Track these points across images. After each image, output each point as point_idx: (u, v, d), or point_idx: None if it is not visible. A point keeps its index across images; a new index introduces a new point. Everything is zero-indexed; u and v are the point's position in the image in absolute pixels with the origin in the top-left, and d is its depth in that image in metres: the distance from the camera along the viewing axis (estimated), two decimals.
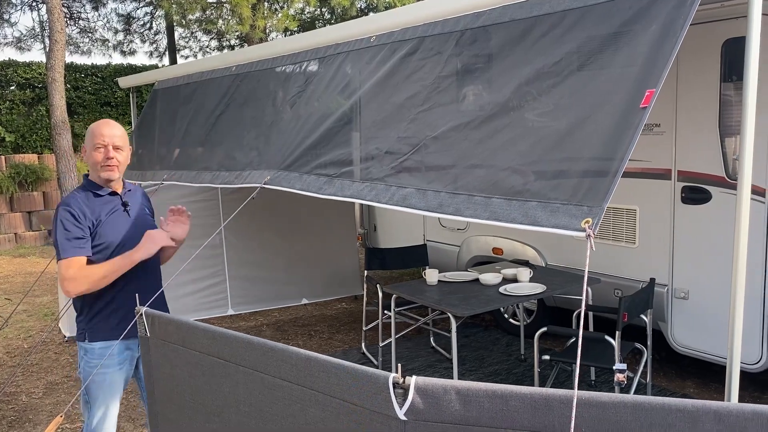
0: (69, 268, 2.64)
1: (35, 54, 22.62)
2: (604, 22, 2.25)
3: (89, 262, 2.70)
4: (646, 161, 4.42)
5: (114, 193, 2.84)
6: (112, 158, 2.75)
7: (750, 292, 3.85)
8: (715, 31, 3.97)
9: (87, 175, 2.87)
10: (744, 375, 4.25)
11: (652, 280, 4.14)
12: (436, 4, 3.07)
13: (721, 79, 3.98)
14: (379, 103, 3.09)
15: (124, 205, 2.85)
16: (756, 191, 3.82)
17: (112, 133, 2.76)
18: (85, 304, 2.80)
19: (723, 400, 2.41)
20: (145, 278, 2.86)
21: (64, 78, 10.81)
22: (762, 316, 3.88)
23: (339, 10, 15.11)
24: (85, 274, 2.66)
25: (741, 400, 4.01)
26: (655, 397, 1.55)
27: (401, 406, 1.75)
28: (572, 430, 1.53)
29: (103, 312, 2.79)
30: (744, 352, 3.84)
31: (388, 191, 2.63)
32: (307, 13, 16.64)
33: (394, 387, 1.76)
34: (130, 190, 2.94)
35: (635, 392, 4.05)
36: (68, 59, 13.74)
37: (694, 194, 4.18)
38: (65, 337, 5.87)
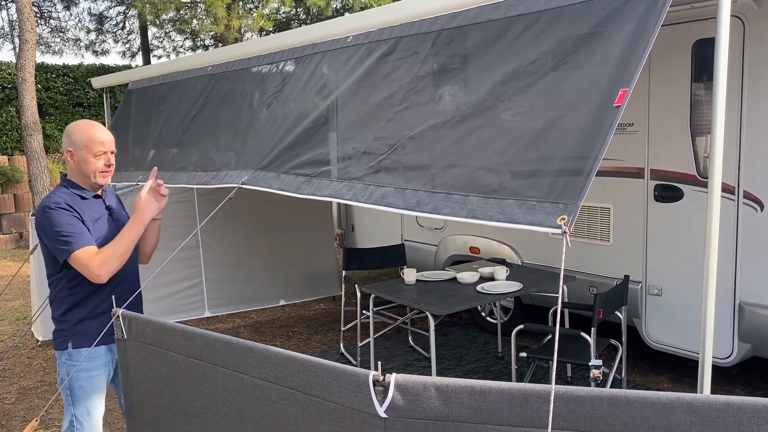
0: (90, 254, 2.58)
1: (5, 54, 22.27)
2: (579, 22, 2.29)
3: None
4: (619, 160, 4.49)
5: (97, 197, 2.79)
6: (112, 165, 2.73)
7: (721, 288, 3.93)
8: (685, 32, 4.04)
9: (66, 176, 2.78)
10: (716, 369, 4.33)
11: (627, 277, 4.20)
12: (412, 5, 3.09)
13: (691, 79, 4.06)
14: (357, 103, 3.09)
15: (108, 209, 2.82)
16: (726, 189, 3.90)
17: (110, 138, 2.72)
18: (69, 310, 2.73)
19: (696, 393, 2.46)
20: (126, 283, 2.84)
21: (35, 78, 10.63)
22: (733, 312, 3.96)
23: (315, 10, 15.07)
24: (109, 253, 2.60)
25: (713, 393, 4.09)
26: (630, 390, 1.58)
27: (381, 403, 1.76)
28: (550, 424, 1.55)
29: (87, 318, 2.74)
30: (715, 346, 3.92)
31: (367, 190, 2.64)
32: (283, 13, 16.58)
33: (374, 385, 1.77)
34: (106, 192, 2.89)
35: (611, 388, 4.10)
36: (39, 59, 13.50)
37: (667, 192, 4.26)
38: (38, 341, 5.78)
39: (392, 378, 1.75)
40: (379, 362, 1.83)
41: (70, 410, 2.76)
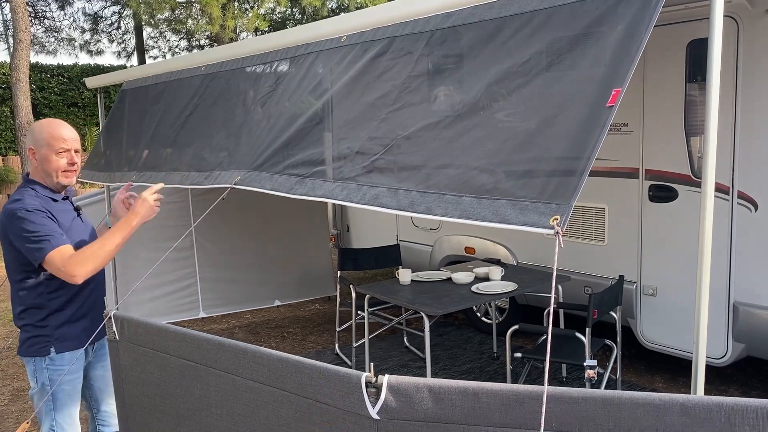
0: (65, 254, 2.49)
1: None
2: (572, 22, 2.28)
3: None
4: (614, 160, 4.49)
5: (66, 198, 2.74)
6: (76, 164, 2.66)
7: (715, 288, 3.93)
8: (679, 33, 4.04)
9: (29, 176, 2.68)
10: (710, 369, 4.34)
11: (621, 277, 4.20)
12: (406, 5, 3.08)
13: (686, 79, 4.07)
14: (351, 103, 3.08)
15: (77, 210, 2.79)
16: (720, 189, 3.91)
17: (73, 136, 2.65)
18: (50, 315, 2.67)
19: (690, 393, 2.45)
20: (101, 285, 2.84)
21: (29, 78, 10.59)
22: (727, 312, 3.96)
23: (310, 11, 15.06)
24: (89, 254, 2.50)
25: (707, 393, 4.09)
26: (624, 391, 1.58)
27: (374, 405, 1.76)
28: (542, 425, 1.55)
29: (68, 322, 2.71)
30: (710, 346, 3.92)
31: (360, 191, 2.63)
32: (278, 13, 16.56)
33: (366, 386, 1.76)
34: (69, 193, 2.83)
35: (605, 388, 4.10)
36: (33, 59, 13.46)
37: (661, 192, 4.26)
38: None
39: (385, 379, 1.75)
40: (372, 364, 1.83)
41: (51, 415, 2.70)
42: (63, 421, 2.73)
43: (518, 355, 3.99)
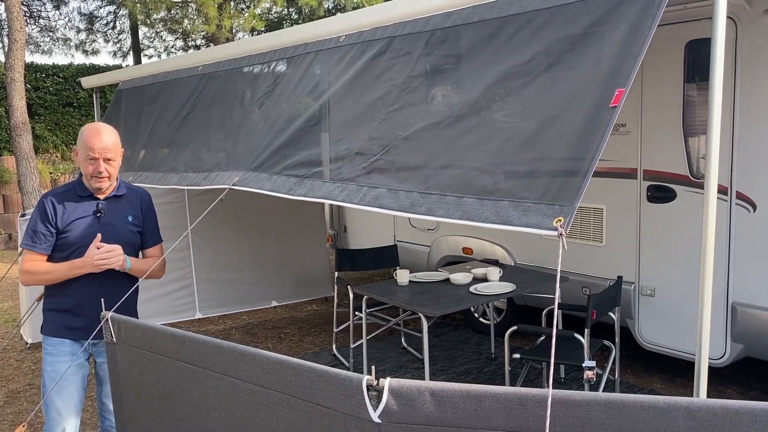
0: (26, 261, 2.78)
1: None
2: (573, 22, 2.27)
3: (51, 257, 2.82)
4: (612, 161, 4.48)
5: (94, 198, 2.87)
6: (102, 172, 2.79)
7: (714, 288, 3.92)
8: (678, 33, 4.04)
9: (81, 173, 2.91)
10: (709, 370, 4.33)
11: (620, 278, 4.19)
12: (405, 4, 3.07)
13: (684, 79, 4.06)
14: (349, 103, 3.07)
15: (98, 211, 2.85)
16: (719, 190, 3.89)
17: (103, 146, 2.77)
18: (46, 298, 2.91)
19: (690, 394, 2.44)
20: (103, 286, 2.86)
21: (24, 78, 10.53)
22: (726, 312, 3.96)
23: (306, 10, 15.03)
24: (34, 271, 2.78)
25: (707, 394, 4.09)
26: (628, 394, 1.56)
27: (375, 408, 1.74)
28: (547, 429, 1.53)
29: (53, 309, 2.89)
30: (708, 347, 3.91)
31: (360, 191, 2.62)
32: (274, 12, 16.53)
33: (367, 389, 1.74)
34: (120, 195, 2.95)
35: (604, 389, 4.10)
36: (28, 59, 13.38)
37: (660, 193, 4.25)
38: (27, 343, 5.72)
39: (386, 382, 1.73)
40: (373, 367, 1.81)
41: (45, 402, 2.88)
42: (49, 402, 2.84)
43: (517, 356, 3.97)
